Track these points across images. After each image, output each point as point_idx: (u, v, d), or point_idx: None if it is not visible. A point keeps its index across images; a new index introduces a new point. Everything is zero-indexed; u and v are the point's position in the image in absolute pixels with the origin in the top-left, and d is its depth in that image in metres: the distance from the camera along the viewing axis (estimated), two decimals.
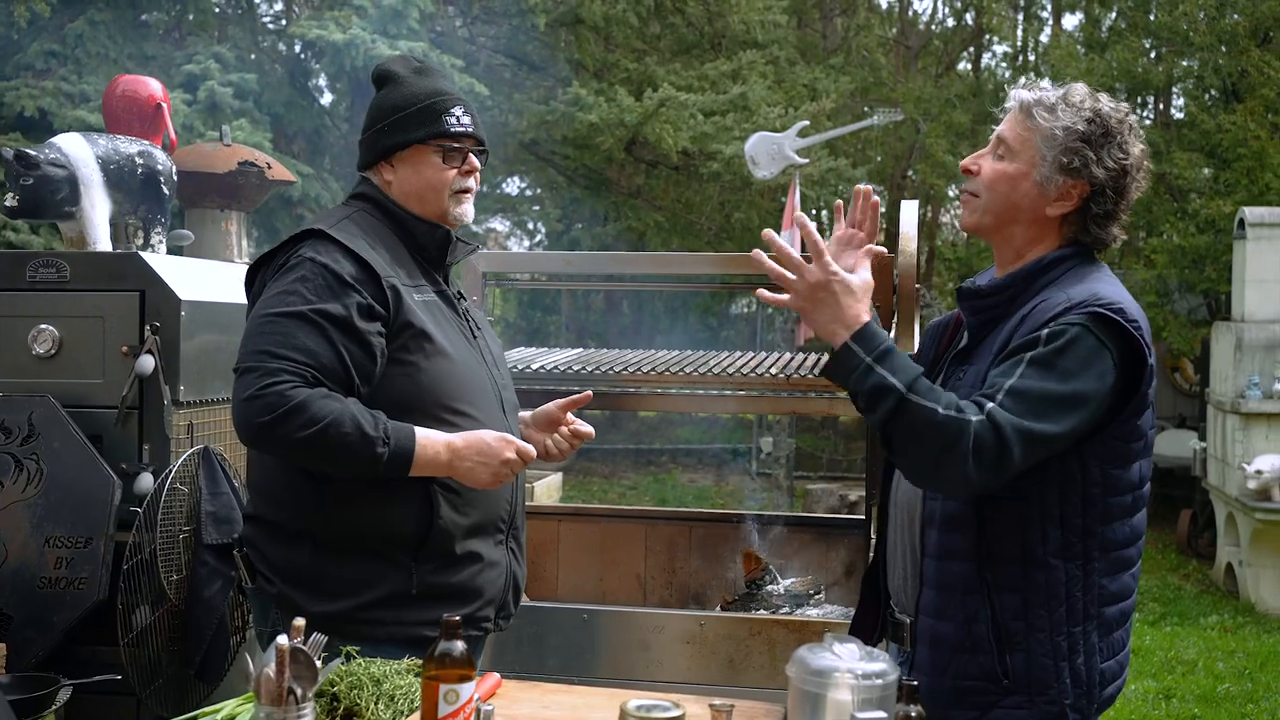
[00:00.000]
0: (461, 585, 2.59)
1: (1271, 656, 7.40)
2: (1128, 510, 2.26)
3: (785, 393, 3.45)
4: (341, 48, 9.36)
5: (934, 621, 2.29)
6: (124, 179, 3.65)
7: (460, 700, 1.89)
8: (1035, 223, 2.34)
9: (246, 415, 2.42)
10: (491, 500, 2.64)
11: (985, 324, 2.36)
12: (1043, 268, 2.32)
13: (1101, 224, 2.32)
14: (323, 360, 2.44)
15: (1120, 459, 2.23)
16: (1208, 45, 12.60)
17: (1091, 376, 2.14)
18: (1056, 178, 2.29)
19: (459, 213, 2.73)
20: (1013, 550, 2.22)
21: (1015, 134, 2.34)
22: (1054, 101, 2.31)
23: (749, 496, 13.35)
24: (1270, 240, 9.06)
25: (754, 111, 12.32)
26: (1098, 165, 2.27)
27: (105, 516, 3.36)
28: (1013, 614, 2.22)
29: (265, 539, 2.62)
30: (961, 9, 18.64)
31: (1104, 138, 2.28)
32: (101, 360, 3.49)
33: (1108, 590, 2.25)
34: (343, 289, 2.49)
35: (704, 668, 3.24)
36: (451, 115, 2.68)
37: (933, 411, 2.07)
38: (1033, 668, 2.21)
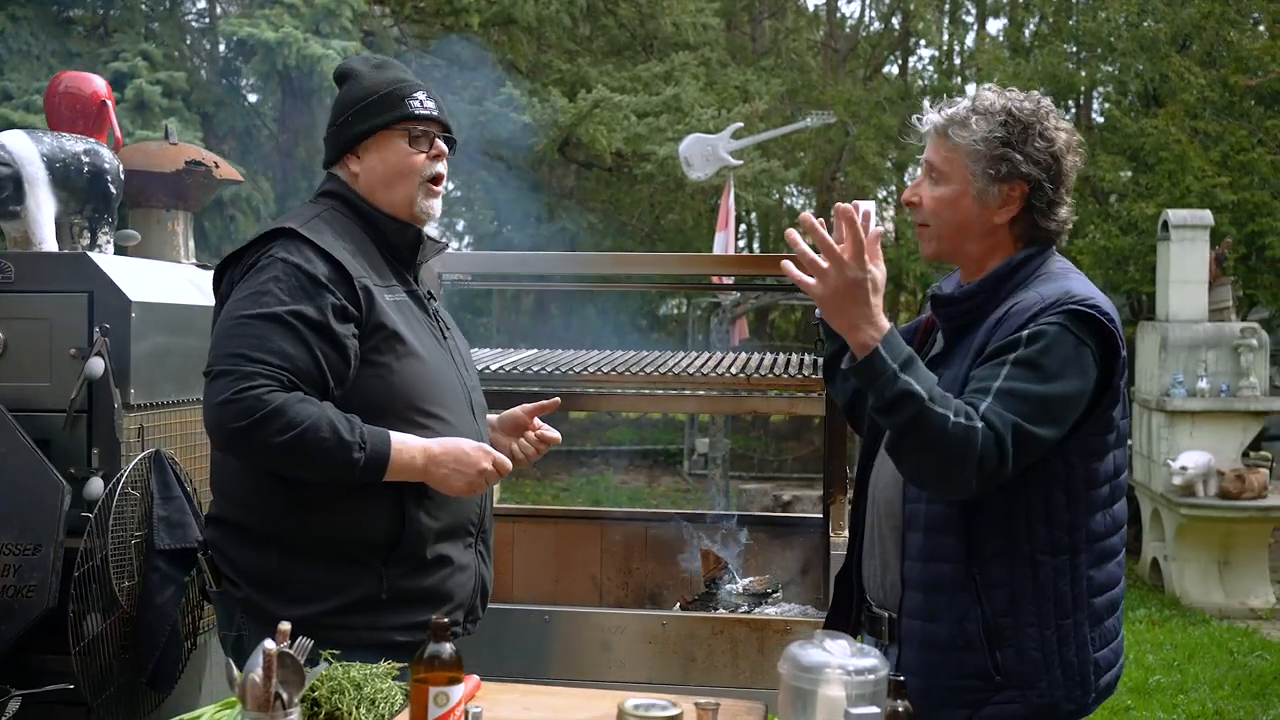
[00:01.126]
0: (432, 589, 2.57)
1: (1199, 648, 7.58)
2: (1107, 501, 2.31)
3: (745, 392, 3.46)
4: (274, 46, 9.25)
5: (923, 623, 2.31)
6: (70, 177, 3.56)
7: (450, 703, 1.88)
8: (987, 234, 2.38)
9: (221, 420, 2.37)
10: (462, 503, 2.62)
11: (959, 329, 2.39)
12: (1011, 270, 2.35)
13: (1048, 214, 2.36)
14: (298, 364, 2.40)
15: (1097, 452, 2.28)
16: (1129, 51, 12.88)
17: (1074, 376, 2.18)
18: (991, 188, 2.33)
19: (427, 206, 2.69)
20: (1000, 548, 2.25)
21: (941, 157, 2.38)
22: (965, 115, 2.34)
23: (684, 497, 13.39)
24: (1193, 242, 9.27)
25: (687, 113, 12.37)
26: (1026, 163, 2.30)
27: (54, 522, 3.27)
28: (1001, 611, 2.24)
29: (231, 542, 2.58)
30: (888, 13, 18.87)
31: (1023, 134, 2.31)
32: (48, 363, 3.40)
33: (1095, 581, 2.29)
34: (316, 290, 2.45)
35: (666, 667, 3.25)
36: (415, 99, 2.67)
37: (945, 419, 2.09)
38: (1023, 662, 2.24)
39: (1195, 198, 11.08)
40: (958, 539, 2.26)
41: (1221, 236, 10.14)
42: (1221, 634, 8.01)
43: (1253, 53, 11.96)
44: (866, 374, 2.15)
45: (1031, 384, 2.15)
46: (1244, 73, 11.81)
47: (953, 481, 2.13)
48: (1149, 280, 10.90)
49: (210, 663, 3.93)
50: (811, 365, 3.59)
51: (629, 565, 4.06)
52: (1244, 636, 7.96)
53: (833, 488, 3.56)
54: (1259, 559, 8.92)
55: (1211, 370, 9.07)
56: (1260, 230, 11.34)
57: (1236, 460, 8.92)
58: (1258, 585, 8.84)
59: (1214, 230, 9.50)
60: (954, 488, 2.16)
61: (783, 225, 18.86)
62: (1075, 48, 15.02)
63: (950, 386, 2.27)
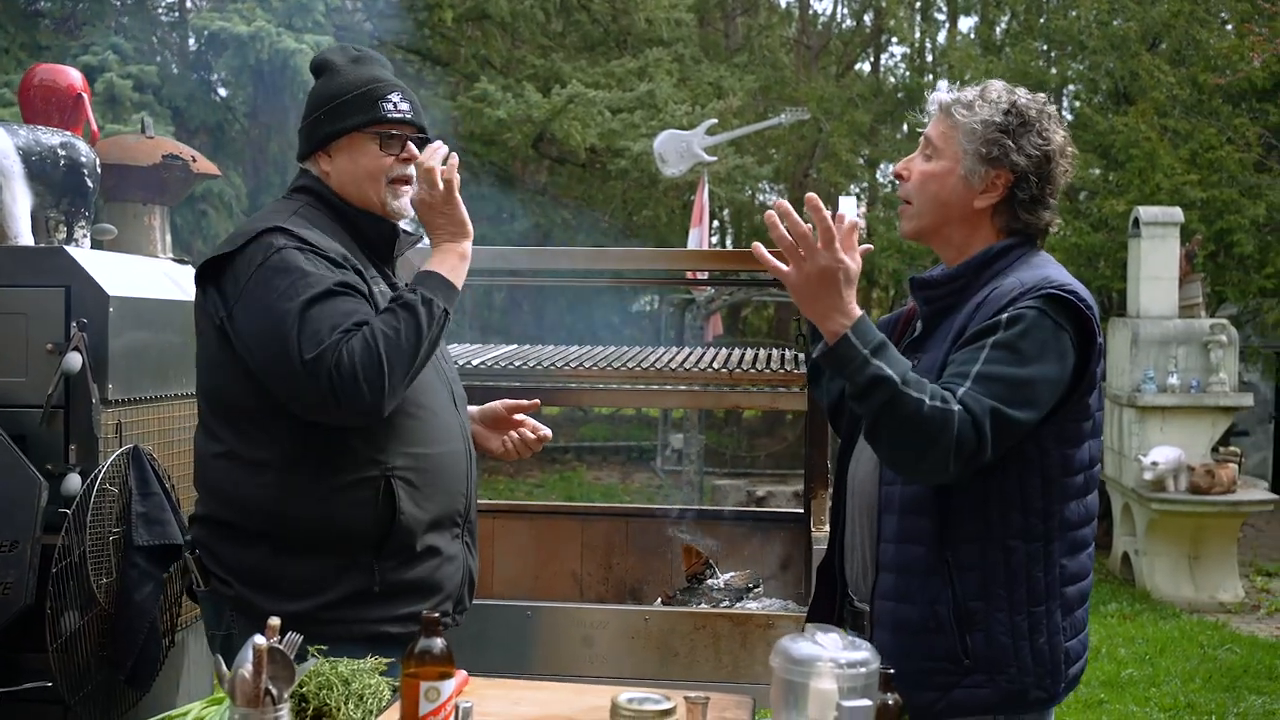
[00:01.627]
0: (422, 580, 2.57)
1: (1170, 642, 7.65)
2: (1081, 490, 2.33)
3: (728, 387, 3.47)
4: (246, 40, 9.19)
5: (894, 605, 2.33)
6: (46, 171, 3.53)
7: (441, 698, 1.88)
8: (967, 218, 2.41)
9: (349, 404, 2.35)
10: (450, 493, 2.63)
11: (938, 313, 2.42)
12: (992, 257, 2.38)
13: (1030, 209, 2.39)
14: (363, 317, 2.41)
15: (1073, 439, 2.30)
16: (1099, 49, 12.97)
17: (1052, 360, 2.20)
18: (979, 169, 2.36)
19: (396, 205, 2.67)
20: (973, 532, 2.27)
21: (939, 133, 2.42)
22: (972, 99, 2.39)
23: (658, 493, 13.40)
24: (1164, 239, 9.35)
25: (661, 109, 12.37)
26: (1018, 153, 2.34)
27: (31, 519, 3.24)
28: (972, 594, 2.27)
29: (219, 540, 2.56)
30: (860, 10, 18.92)
31: (1022, 127, 2.35)
32: (25, 358, 3.37)
33: (1068, 570, 2.31)
34: (337, 268, 2.47)
35: (648, 662, 3.25)
36: (388, 101, 2.64)
37: (920, 403, 2.12)
38: (992, 646, 2.26)
39: (1165, 195, 11.17)
40: (931, 521, 2.28)
41: (1191, 234, 10.23)
42: (1192, 628, 8.09)
43: (1221, 52, 12.06)
44: (837, 360, 2.18)
45: (1010, 367, 2.17)
46: (1212, 71, 11.91)
47: (930, 465, 2.15)
48: (1119, 277, 10.98)
49: (188, 660, 3.91)
50: (793, 360, 3.60)
51: (609, 560, 4.06)
52: (1214, 630, 8.04)
53: (813, 482, 3.57)
54: (1228, 553, 9.01)
55: (1182, 366, 9.15)
56: (1228, 228, 11.43)
57: (1206, 455, 9.01)
58: (1227, 579, 8.93)
59: (1183, 227, 9.58)
60: (931, 472, 2.18)
61: (756, 222, 18.89)
62: (1046, 45, 15.11)
63: (929, 370, 2.29)
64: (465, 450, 2.72)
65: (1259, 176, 11.69)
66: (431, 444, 2.59)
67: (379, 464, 2.50)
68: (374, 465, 2.49)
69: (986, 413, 2.13)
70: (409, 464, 2.54)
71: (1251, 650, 7.50)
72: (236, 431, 2.52)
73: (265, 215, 2.63)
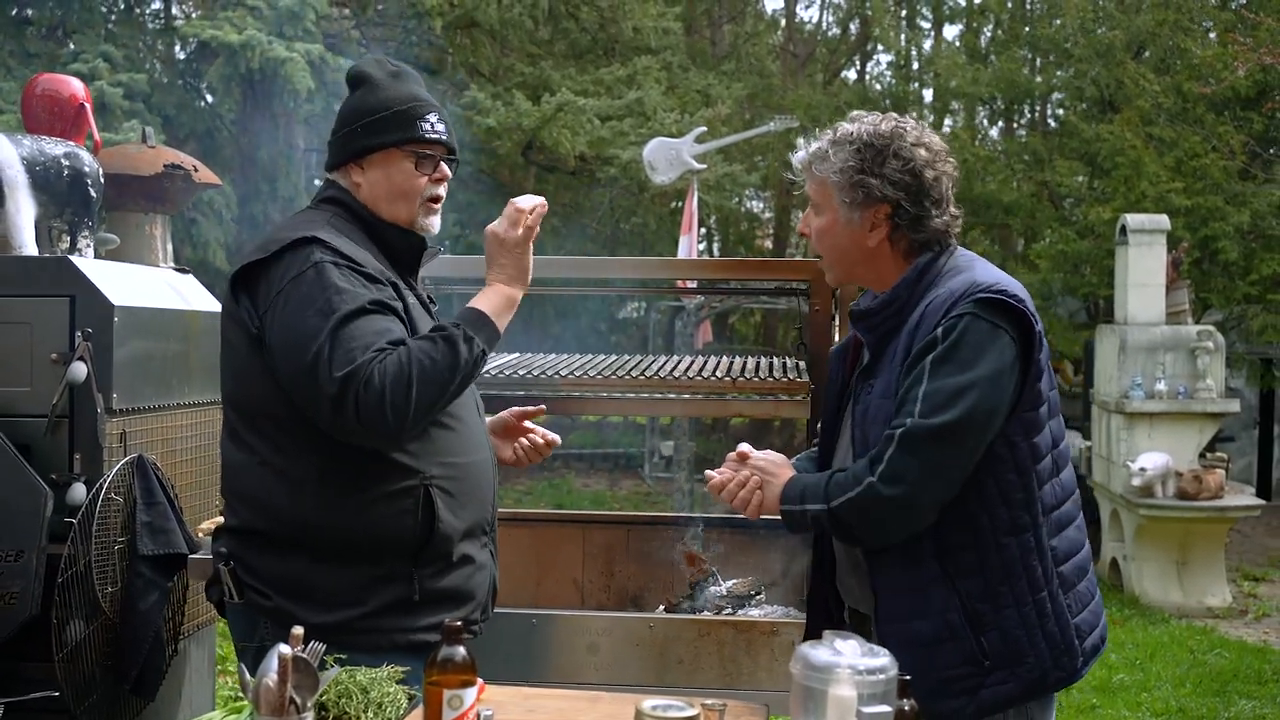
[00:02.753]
0: (458, 588, 2.58)
1: (1159, 648, 7.69)
2: (1052, 471, 2.39)
3: (730, 395, 3.49)
4: (237, 49, 9.18)
5: (904, 624, 2.37)
6: (50, 181, 3.54)
7: (464, 705, 1.89)
8: (869, 257, 2.48)
9: (372, 426, 2.35)
10: (481, 502, 2.64)
11: (882, 339, 2.47)
12: (918, 274, 2.43)
13: (918, 226, 2.43)
14: (394, 337, 2.41)
15: (1033, 426, 2.36)
16: (1085, 57, 13.05)
17: (990, 359, 2.27)
18: (855, 215, 2.43)
19: (426, 223, 2.70)
20: (965, 538, 2.33)
21: (814, 190, 2.50)
22: (824, 150, 2.45)
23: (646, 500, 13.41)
24: (1150, 246, 9.40)
25: (650, 117, 12.39)
26: (883, 184, 2.39)
27: (37, 529, 3.25)
28: (978, 597, 2.32)
29: (254, 551, 2.53)
30: (846, 18, 18.99)
31: (877, 158, 2.40)
32: (29, 368, 3.39)
33: (1058, 550, 2.37)
34: (375, 285, 2.47)
35: (654, 670, 3.26)
36: (426, 121, 2.65)
37: (850, 501, 2.33)
38: (1007, 642, 2.32)
39: (1150, 202, 11.25)
40: (925, 538, 2.34)
41: (1176, 241, 10.30)
42: (1181, 633, 8.13)
43: (1205, 60, 12.16)
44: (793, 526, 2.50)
45: (950, 377, 2.25)
46: (1197, 80, 12.01)
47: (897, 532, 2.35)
48: (1106, 284, 11.05)
49: (190, 669, 3.91)
50: (794, 369, 3.63)
51: (611, 568, 4.07)
52: (1203, 635, 8.08)
53: None
54: (1216, 559, 9.05)
55: (1169, 372, 9.20)
56: (1213, 235, 11.52)
57: (1194, 461, 9.05)
58: (1215, 585, 8.98)
59: (1169, 235, 9.64)
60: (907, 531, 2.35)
61: (743, 229, 18.94)
62: (1031, 54, 15.20)
63: (884, 395, 2.38)
64: (491, 459, 2.74)
65: (1243, 184, 11.79)
66: (465, 453, 2.61)
67: (417, 473, 2.50)
68: (412, 474, 2.50)
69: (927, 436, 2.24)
70: (445, 473, 2.55)
71: (1240, 655, 7.54)
72: (269, 440, 2.50)
73: (298, 223, 2.61)
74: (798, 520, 2.44)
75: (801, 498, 2.42)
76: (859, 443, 2.44)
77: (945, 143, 2.52)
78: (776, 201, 17.75)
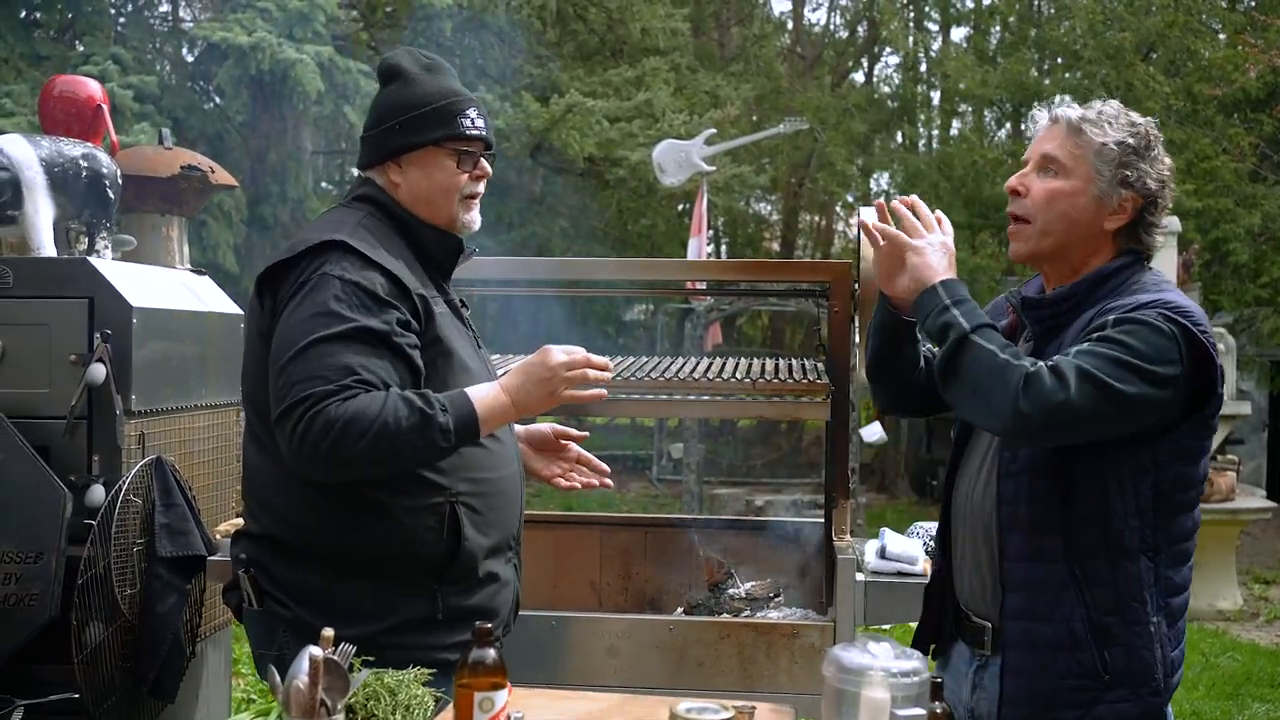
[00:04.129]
0: (482, 606, 2.51)
1: None
2: (1191, 505, 2.32)
3: (750, 397, 3.48)
4: (247, 51, 9.18)
5: (1029, 624, 2.32)
6: (68, 182, 3.53)
7: (495, 708, 1.89)
8: (1093, 238, 2.36)
9: (305, 455, 2.29)
10: (508, 518, 2.59)
11: (1047, 332, 2.40)
12: (1104, 277, 2.36)
13: (1151, 232, 2.37)
14: (367, 376, 2.32)
15: (1191, 456, 2.28)
16: (1094, 59, 13.04)
17: (1157, 359, 2.16)
18: (1115, 191, 2.33)
19: (467, 219, 2.63)
20: (1098, 545, 2.27)
21: (1066, 151, 2.35)
22: (1097, 117, 2.34)
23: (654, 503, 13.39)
24: (1162, 248, 9.23)
25: (658, 118, 12.39)
26: (1148, 177, 2.32)
27: (56, 531, 3.24)
28: (1105, 609, 2.26)
29: (275, 558, 2.49)
30: (854, 20, 18.99)
31: (1147, 149, 2.34)
32: (48, 369, 3.37)
33: (1173, 582, 2.30)
34: (379, 306, 2.38)
35: (675, 672, 3.24)
36: (466, 117, 2.57)
37: (992, 353, 2.21)
38: (1133, 660, 2.26)
39: None
40: (1059, 537, 2.28)
41: (1187, 243, 10.27)
42: (1193, 636, 8.10)
43: (1215, 62, 12.14)
44: (920, 307, 2.36)
45: (1112, 349, 2.16)
46: (1207, 81, 11.99)
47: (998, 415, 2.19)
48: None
49: (207, 671, 3.91)
50: (814, 370, 3.61)
51: (628, 570, 4.06)
52: (1214, 638, 8.06)
53: (835, 492, 3.57)
54: (1227, 562, 9.02)
55: None
56: (1224, 237, 11.50)
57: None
58: (1226, 588, 8.94)
59: (1180, 236, 9.61)
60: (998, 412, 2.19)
61: (751, 231, 18.93)
62: (1040, 56, 15.19)
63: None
64: (519, 473, 2.68)
65: (1254, 186, 11.78)
66: (494, 469, 2.55)
67: (444, 490, 2.45)
68: (439, 491, 2.44)
69: (1072, 367, 2.14)
70: (472, 489, 2.49)
71: (1253, 658, 7.52)
72: None
73: (327, 224, 2.55)
74: (929, 304, 2.32)
75: (957, 298, 2.30)
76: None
77: (953, 145, 2.52)
78: (784, 204, 17.76)
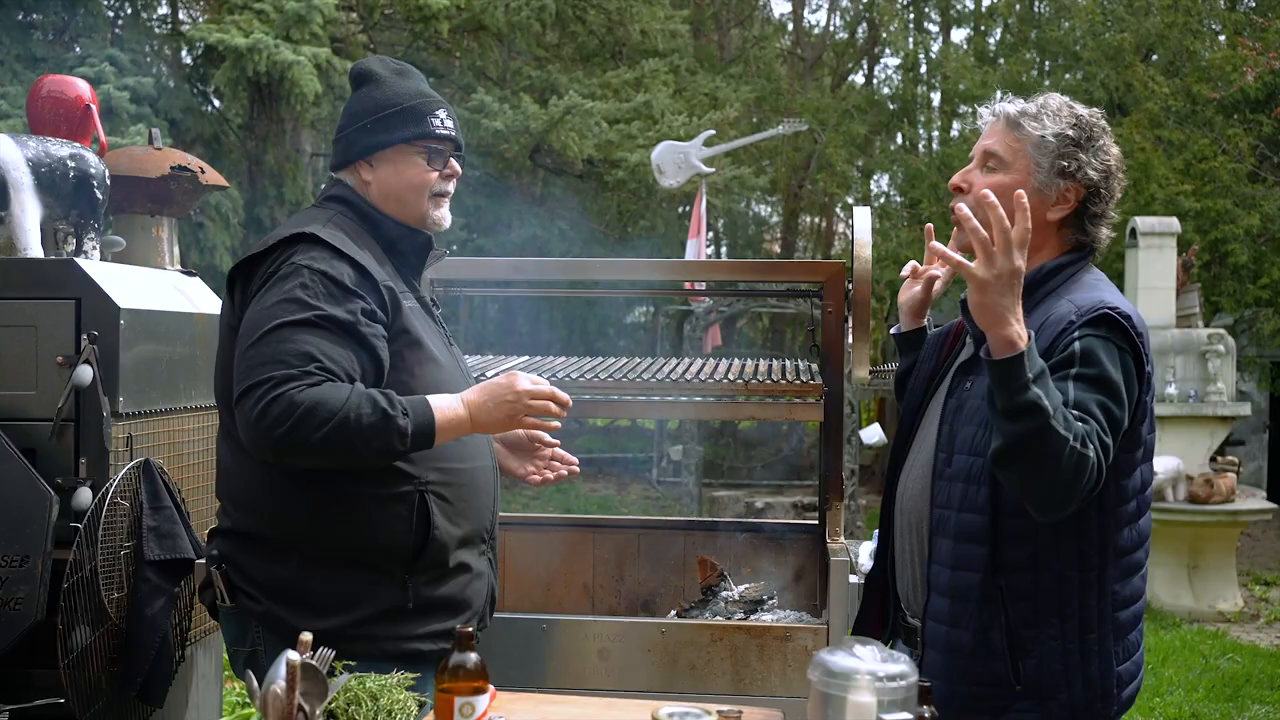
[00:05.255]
0: (453, 597, 2.55)
1: (1171, 652, 7.64)
2: (1134, 516, 2.30)
3: (743, 398, 3.45)
4: (244, 53, 9.16)
5: (948, 629, 2.31)
6: (55, 182, 3.50)
7: (476, 713, 1.86)
8: (1037, 231, 2.30)
9: (261, 434, 2.31)
10: (479, 509, 2.61)
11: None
12: (1044, 276, 2.34)
13: (1096, 223, 2.36)
14: (328, 362, 2.34)
15: (1125, 468, 2.27)
16: (1093, 60, 13.01)
17: (1127, 382, 2.17)
18: (1056, 182, 2.32)
19: (437, 216, 2.68)
20: (1027, 560, 2.25)
21: (1005, 145, 2.36)
22: (1037, 110, 2.35)
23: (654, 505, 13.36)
24: (1160, 249, 9.35)
25: (658, 120, 12.37)
26: (1089, 167, 2.31)
27: (42, 533, 3.21)
28: (1025, 622, 2.25)
29: (247, 554, 2.52)
30: (854, 22, 18.96)
31: (1089, 141, 2.33)
32: (34, 371, 3.34)
33: (1120, 595, 2.29)
34: (345, 295, 2.41)
35: (666, 675, 3.21)
36: (436, 117, 2.64)
37: (1065, 443, 2.05)
38: (1043, 673, 2.25)
39: (1160, 205, 11.21)
40: (986, 549, 2.26)
41: (1186, 244, 10.25)
42: (1192, 637, 8.08)
43: (1214, 63, 12.12)
44: (1000, 374, 2.09)
45: (1102, 396, 2.14)
46: (1206, 82, 11.96)
47: (1055, 505, 2.13)
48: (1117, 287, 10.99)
49: (197, 675, 3.88)
50: (807, 371, 3.59)
51: (621, 573, 4.03)
52: (1214, 639, 8.03)
53: (829, 493, 3.55)
54: (1227, 563, 9.01)
55: (1180, 376, 9.16)
56: (1223, 238, 11.48)
57: (1205, 465, 9.01)
58: (1226, 589, 8.93)
59: (1179, 237, 9.59)
60: (1050, 509, 2.15)
61: (750, 232, 18.90)
62: (1040, 57, 15.16)
63: (981, 394, 2.26)
64: (492, 466, 2.70)
65: (1253, 187, 11.75)
66: (464, 460, 2.57)
67: (413, 479, 2.47)
68: (408, 480, 2.47)
69: (1104, 450, 2.10)
70: (442, 479, 2.51)
71: (1253, 659, 7.49)
72: None
73: (296, 221, 2.60)
74: (1013, 375, 2.06)
75: (1038, 370, 2.08)
76: (946, 438, 2.35)
77: (953, 146, 2.47)
78: (785, 205, 17.72)
